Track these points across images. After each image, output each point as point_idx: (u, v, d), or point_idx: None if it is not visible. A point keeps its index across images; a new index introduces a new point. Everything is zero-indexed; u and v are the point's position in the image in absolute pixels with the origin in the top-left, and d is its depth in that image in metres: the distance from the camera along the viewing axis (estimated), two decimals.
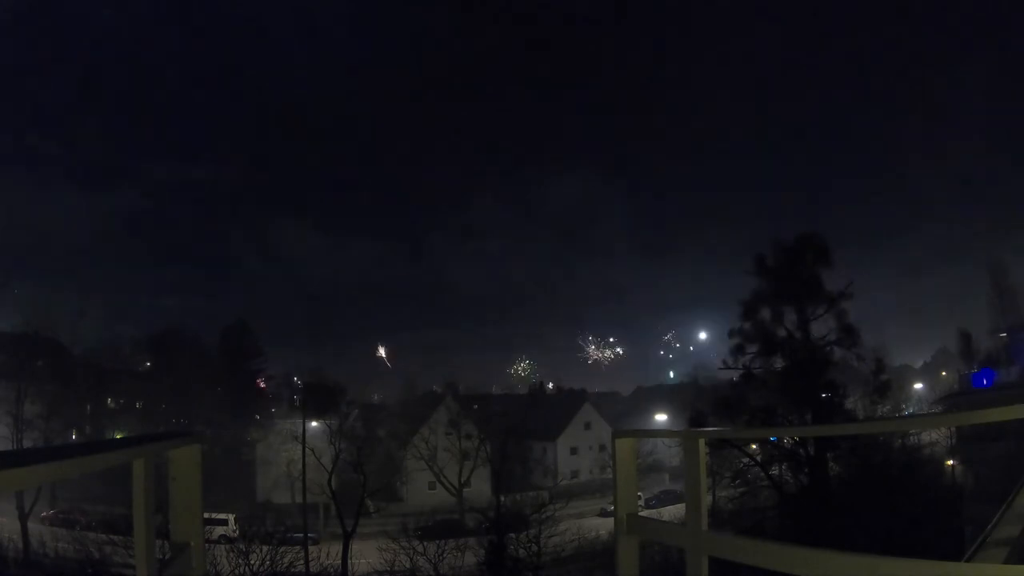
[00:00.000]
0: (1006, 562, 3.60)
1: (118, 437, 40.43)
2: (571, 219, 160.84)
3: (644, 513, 4.33)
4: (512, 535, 34.03)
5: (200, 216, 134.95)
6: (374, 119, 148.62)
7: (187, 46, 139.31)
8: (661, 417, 59.86)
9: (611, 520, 3.76)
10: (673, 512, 27.41)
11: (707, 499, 3.53)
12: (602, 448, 61.55)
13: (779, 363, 32.12)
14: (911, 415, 44.43)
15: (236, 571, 28.30)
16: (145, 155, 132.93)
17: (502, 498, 40.58)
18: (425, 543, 33.63)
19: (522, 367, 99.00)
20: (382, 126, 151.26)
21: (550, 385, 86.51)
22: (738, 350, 32.61)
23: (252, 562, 28.93)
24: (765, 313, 32.47)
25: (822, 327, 32.13)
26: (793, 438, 29.10)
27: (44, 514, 42.06)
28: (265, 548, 30.69)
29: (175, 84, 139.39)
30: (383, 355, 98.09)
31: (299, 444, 43.98)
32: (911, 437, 35.83)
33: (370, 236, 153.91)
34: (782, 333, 32.21)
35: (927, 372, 76.34)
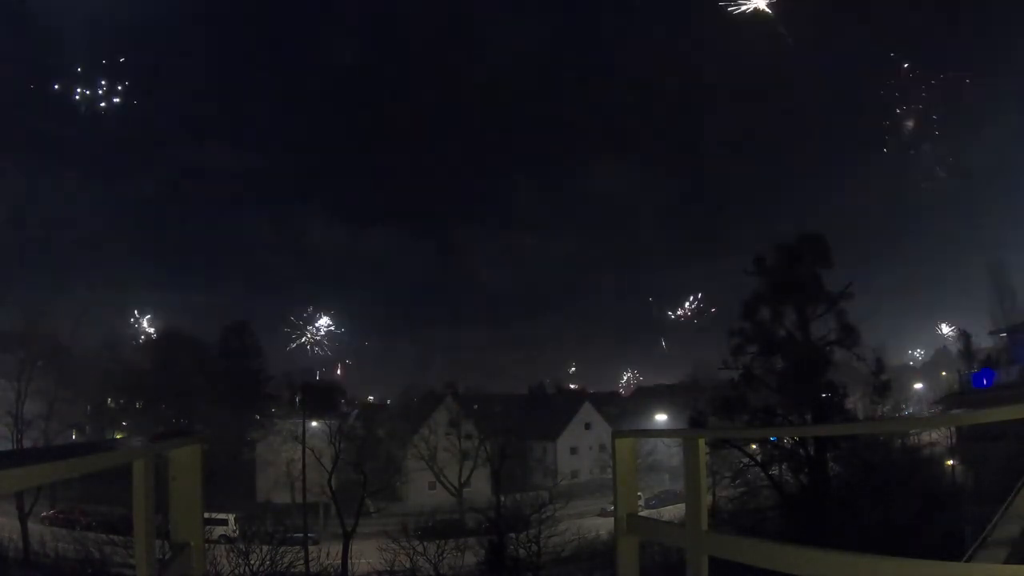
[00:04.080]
0: (1006, 562, 3.59)
1: (118, 437, 40.49)
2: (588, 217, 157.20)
3: (644, 513, 4.33)
4: (512, 535, 34.07)
5: (215, 206, 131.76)
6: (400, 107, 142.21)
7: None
8: (661, 417, 59.77)
9: (611, 520, 3.77)
10: (673, 512, 27.36)
11: (707, 499, 3.54)
12: (602, 448, 61.37)
13: (779, 363, 32.15)
14: (911, 415, 44.40)
15: (236, 571, 28.32)
16: (155, 143, 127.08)
17: (502, 498, 40.62)
18: (425, 543, 33.65)
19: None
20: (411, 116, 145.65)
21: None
22: (738, 350, 32.63)
23: (252, 562, 28.95)
24: (765, 313, 32.51)
25: (822, 327, 32.18)
26: (793, 438, 29.08)
27: (44, 514, 42.05)
28: (265, 548, 30.70)
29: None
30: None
31: (299, 444, 44.01)
32: (911, 437, 35.79)
33: (393, 229, 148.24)
34: (782, 333, 32.24)
35: (927, 372, 76.21)
